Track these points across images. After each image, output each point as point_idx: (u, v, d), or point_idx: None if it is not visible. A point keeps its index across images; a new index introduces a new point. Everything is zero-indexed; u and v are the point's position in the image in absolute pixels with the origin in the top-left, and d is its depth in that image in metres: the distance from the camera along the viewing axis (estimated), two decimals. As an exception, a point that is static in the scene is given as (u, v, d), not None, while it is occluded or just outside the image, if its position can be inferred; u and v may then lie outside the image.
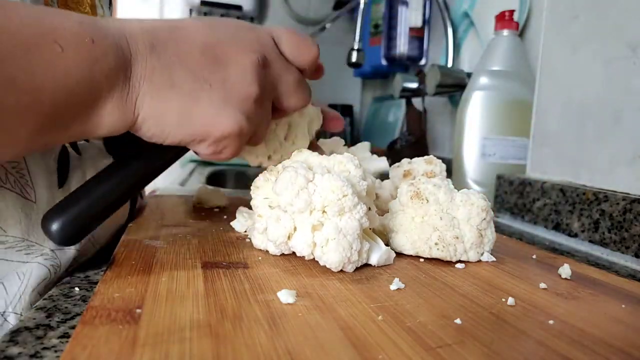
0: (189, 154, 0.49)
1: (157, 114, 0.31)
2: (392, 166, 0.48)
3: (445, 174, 0.46)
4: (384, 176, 0.51)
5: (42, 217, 0.31)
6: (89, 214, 0.31)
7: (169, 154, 0.36)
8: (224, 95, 0.33)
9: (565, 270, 0.37)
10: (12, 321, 0.34)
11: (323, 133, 0.51)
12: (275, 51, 0.37)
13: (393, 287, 0.32)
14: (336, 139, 0.54)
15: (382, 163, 0.54)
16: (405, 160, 0.47)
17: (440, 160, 0.47)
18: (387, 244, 0.39)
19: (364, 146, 0.53)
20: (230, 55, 0.33)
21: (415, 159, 0.47)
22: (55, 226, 0.30)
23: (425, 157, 0.47)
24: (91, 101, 0.28)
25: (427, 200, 0.39)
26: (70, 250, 0.37)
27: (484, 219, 0.39)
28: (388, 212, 0.42)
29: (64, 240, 0.31)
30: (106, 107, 0.29)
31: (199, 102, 0.32)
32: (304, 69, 0.39)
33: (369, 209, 0.38)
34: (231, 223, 0.47)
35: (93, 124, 0.29)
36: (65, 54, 0.26)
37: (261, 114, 0.36)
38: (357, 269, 0.35)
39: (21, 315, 0.34)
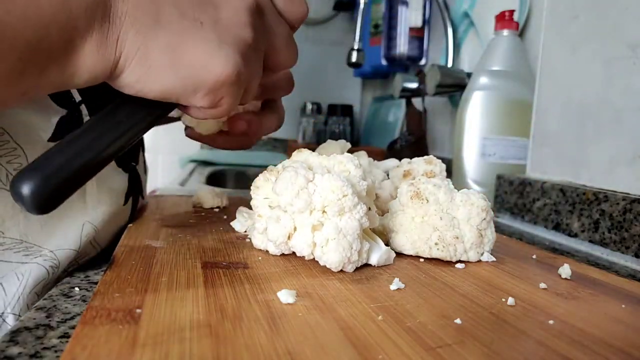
0: (189, 154, 0.49)
1: (141, 52, 0.28)
2: (392, 167, 0.48)
3: (445, 173, 0.46)
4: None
5: (12, 179, 0.26)
6: (66, 172, 0.26)
7: (156, 107, 0.31)
8: (217, 35, 0.30)
9: (565, 270, 0.37)
10: (10, 322, 0.34)
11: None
12: (268, 1, 0.35)
13: (393, 287, 0.32)
14: (342, 141, 0.54)
15: (393, 162, 0.54)
16: (405, 161, 0.48)
17: (440, 160, 0.47)
18: (387, 244, 0.39)
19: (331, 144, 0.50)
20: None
21: (415, 159, 0.47)
22: (26, 188, 0.25)
23: (425, 157, 0.47)
24: (68, 39, 0.26)
25: (427, 200, 0.39)
26: (70, 251, 0.37)
27: (484, 219, 0.39)
28: (388, 212, 0.42)
29: (37, 204, 0.25)
30: (84, 46, 0.26)
31: (189, 40, 0.29)
32: (293, 25, 0.37)
33: (369, 209, 0.38)
34: (231, 223, 0.47)
35: (72, 66, 0.26)
36: None
37: (255, 64, 0.33)
38: (357, 269, 0.35)
39: (19, 316, 0.34)
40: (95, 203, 0.40)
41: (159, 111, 0.32)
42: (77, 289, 0.34)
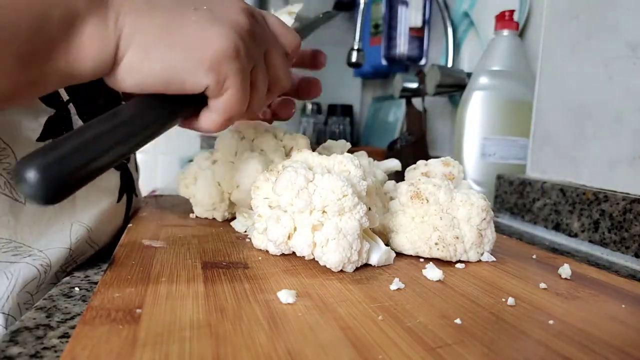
0: (189, 154, 0.49)
1: (139, 34, 0.29)
2: (408, 168, 0.47)
3: (462, 175, 0.45)
4: (398, 177, 0.51)
5: (16, 163, 0.23)
6: (77, 160, 0.24)
7: (172, 103, 0.31)
8: (212, 15, 0.31)
9: (565, 271, 0.37)
10: (0, 322, 0.33)
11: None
12: (261, 18, 0.36)
13: (393, 287, 0.32)
14: (342, 141, 0.54)
15: (393, 162, 0.54)
16: (421, 162, 0.47)
17: (457, 162, 0.46)
18: (387, 244, 0.39)
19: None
20: None
21: (432, 161, 0.46)
22: (32, 173, 0.22)
23: (442, 158, 0.46)
24: (69, 22, 0.26)
25: (427, 200, 0.39)
26: (61, 250, 0.37)
27: (484, 219, 0.39)
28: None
29: (43, 191, 0.23)
30: (85, 29, 0.27)
31: (185, 20, 0.30)
32: (286, 50, 0.38)
33: (369, 209, 0.38)
34: (231, 223, 0.47)
35: (75, 50, 0.27)
36: None
37: (255, 50, 0.34)
38: (357, 268, 0.35)
39: (9, 315, 0.34)
40: (84, 203, 0.40)
41: (174, 108, 0.32)
42: (77, 289, 0.34)
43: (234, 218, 0.49)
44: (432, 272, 0.35)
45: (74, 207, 0.39)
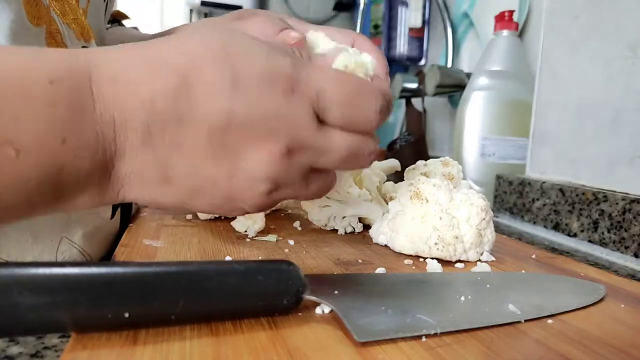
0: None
1: (149, 201, 0.27)
2: (408, 168, 0.47)
3: (462, 175, 0.46)
4: (398, 177, 0.51)
5: None
6: None
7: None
8: (227, 193, 0.27)
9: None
10: None
11: None
12: (313, 131, 0.26)
13: (393, 286, 0.32)
14: None
15: (393, 162, 0.54)
16: (420, 162, 0.47)
17: (457, 162, 0.46)
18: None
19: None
20: (244, 143, 0.25)
21: (431, 161, 0.46)
22: None
23: (441, 158, 0.46)
24: (54, 201, 0.23)
25: (427, 200, 0.39)
26: None
27: (484, 219, 0.39)
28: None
29: None
30: (77, 200, 0.24)
31: (197, 201, 0.27)
32: (365, 131, 0.28)
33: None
34: (231, 223, 0.47)
35: (62, 210, 0.25)
36: (21, 160, 0.21)
37: (285, 189, 0.28)
38: (356, 268, 0.35)
39: None
40: (78, 218, 0.38)
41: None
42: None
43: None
44: (434, 268, 0.36)
45: (68, 222, 0.37)
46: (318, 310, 0.27)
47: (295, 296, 0.25)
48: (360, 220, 0.48)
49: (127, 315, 0.21)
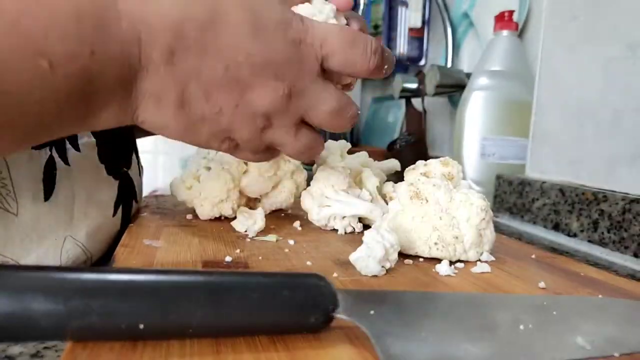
0: (189, 155, 0.49)
1: (157, 125, 0.29)
2: (408, 168, 0.47)
3: (462, 174, 0.46)
4: (397, 178, 0.51)
5: None
6: None
7: None
8: (227, 123, 0.30)
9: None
10: None
11: None
12: (313, 78, 0.31)
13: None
14: (342, 142, 0.54)
15: (393, 162, 0.54)
16: (420, 163, 0.47)
17: (456, 162, 0.46)
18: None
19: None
20: (254, 80, 0.29)
21: (431, 161, 0.46)
22: None
23: (441, 158, 0.46)
24: (82, 114, 0.26)
25: (427, 200, 0.39)
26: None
27: (484, 218, 0.39)
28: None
29: None
30: (101, 115, 0.26)
31: (200, 130, 0.30)
32: (355, 75, 0.34)
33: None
34: (232, 223, 0.47)
35: (87, 126, 0.27)
36: (54, 71, 0.22)
37: (279, 132, 0.32)
38: (356, 270, 0.35)
39: None
40: (82, 216, 0.38)
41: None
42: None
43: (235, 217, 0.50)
44: (444, 268, 0.36)
45: (71, 221, 0.37)
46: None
47: (325, 315, 0.23)
48: (360, 220, 0.48)
49: (141, 326, 0.20)
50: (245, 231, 0.45)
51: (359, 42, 0.31)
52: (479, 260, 0.40)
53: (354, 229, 0.47)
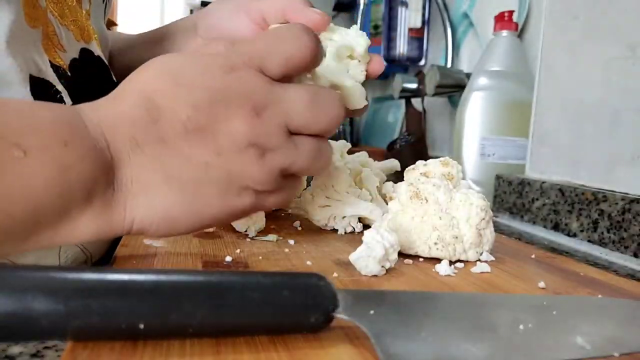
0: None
1: (160, 214, 0.27)
2: (407, 168, 0.47)
3: (461, 175, 0.46)
4: (397, 178, 0.51)
5: None
6: None
7: None
8: (226, 171, 0.28)
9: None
10: None
11: None
12: (267, 88, 0.29)
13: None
14: (342, 142, 0.54)
15: (392, 162, 0.54)
16: (420, 163, 0.47)
17: (456, 162, 0.46)
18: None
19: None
20: (216, 120, 0.27)
21: (430, 161, 0.46)
22: None
23: (441, 158, 0.46)
24: (63, 211, 0.24)
25: (427, 200, 0.39)
26: None
27: (483, 218, 0.39)
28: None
29: None
30: (83, 216, 0.25)
31: (202, 190, 0.28)
32: (322, 135, 0.31)
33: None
34: (232, 222, 0.47)
35: (68, 231, 0.25)
36: (29, 160, 0.23)
37: (284, 152, 0.29)
38: (356, 269, 0.35)
39: None
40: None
41: None
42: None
43: None
44: (443, 268, 0.36)
45: None
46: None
47: (325, 315, 0.23)
48: (360, 220, 0.48)
49: (142, 326, 0.20)
50: (246, 231, 0.45)
51: (285, 39, 0.30)
52: (479, 260, 0.40)
53: (354, 229, 0.47)
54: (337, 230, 0.47)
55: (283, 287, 0.22)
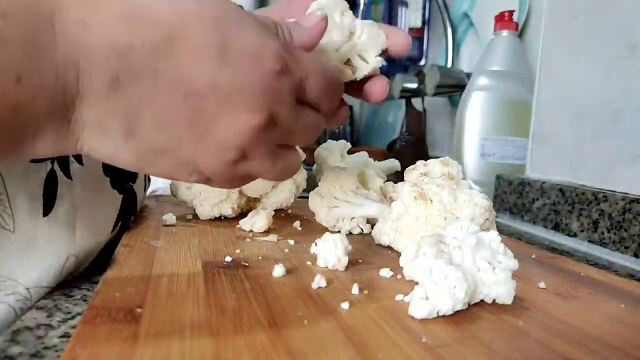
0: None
1: (105, 158, 0.25)
2: (408, 168, 0.47)
3: (462, 175, 0.45)
4: (397, 178, 0.51)
5: None
6: None
7: None
8: (191, 156, 0.26)
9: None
10: None
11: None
12: (291, 104, 0.28)
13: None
14: (342, 142, 0.54)
15: (393, 162, 0.54)
16: (420, 163, 0.47)
17: (456, 162, 0.46)
18: None
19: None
20: (221, 110, 0.25)
21: (431, 161, 0.46)
22: None
23: (441, 158, 0.46)
24: (12, 145, 0.22)
25: (431, 201, 0.39)
26: (46, 289, 0.33)
27: (487, 219, 0.39)
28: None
29: None
30: (35, 145, 0.23)
31: (157, 162, 0.26)
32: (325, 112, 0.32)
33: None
34: (240, 221, 0.47)
35: (22, 155, 0.23)
36: None
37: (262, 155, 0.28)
38: (356, 269, 0.35)
39: None
40: (85, 232, 0.35)
41: None
42: (77, 288, 0.34)
43: (243, 213, 0.49)
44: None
45: (74, 237, 0.34)
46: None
47: None
48: (368, 221, 0.48)
49: None
50: (251, 230, 0.45)
51: (335, 91, 0.31)
52: (479, 260, 0.40)
53: (362, 229, 0.47)
54: (339, 231, 0.47)
55: None
